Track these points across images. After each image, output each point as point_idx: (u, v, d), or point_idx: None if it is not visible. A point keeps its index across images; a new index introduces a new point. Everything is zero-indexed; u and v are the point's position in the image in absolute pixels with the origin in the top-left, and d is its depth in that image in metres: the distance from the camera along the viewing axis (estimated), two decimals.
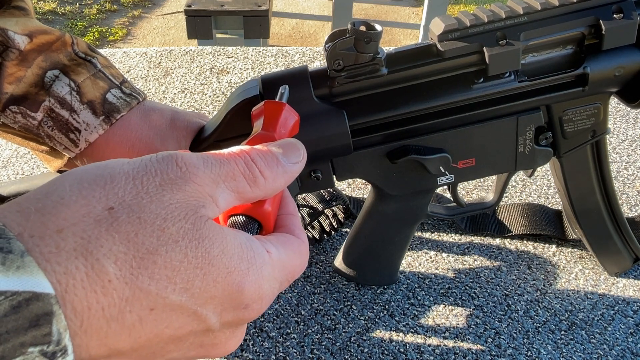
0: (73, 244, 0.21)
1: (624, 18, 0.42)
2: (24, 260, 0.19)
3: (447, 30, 0.42)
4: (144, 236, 0.23)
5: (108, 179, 0.24)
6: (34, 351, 0.19)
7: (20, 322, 0.18)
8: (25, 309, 0.19)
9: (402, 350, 0.50)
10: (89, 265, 0.21)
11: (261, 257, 0.27)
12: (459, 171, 0.48)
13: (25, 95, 0.45)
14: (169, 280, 0.23)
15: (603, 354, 0.50)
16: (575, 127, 0.47)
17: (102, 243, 0.22)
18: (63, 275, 0.21)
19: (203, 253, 0.24)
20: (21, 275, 0.19)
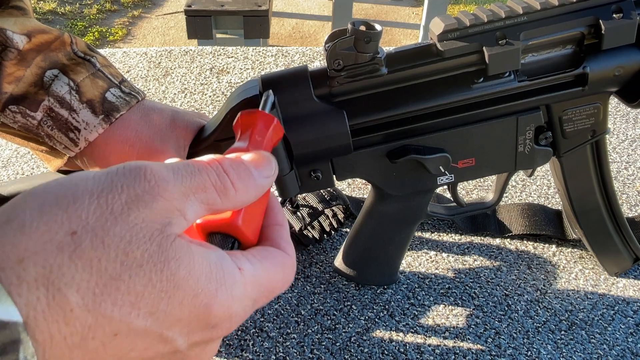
0: (34, 274, 0.21)
1: (623, 18, 0.42)
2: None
3: (446, 30, 0.42)
4: (107, 262, 0.22)
5: (71, 200, 0.23)
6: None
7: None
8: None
9: (402, 350, 0.50)
10: (50, 296, 0.21)
11: (231, 276, 0.26)
12: (459, 171, 0.48)
13: (24, 95, 0.45)
14: (132, 305, 0.23)
15: (603, 354, 0.50)
16: (575, 126, 0.47)
17: (64, 271, 0.21)
18: (24, 306, 0.20)
19: (168, 276, 0.23)
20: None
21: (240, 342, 0.51)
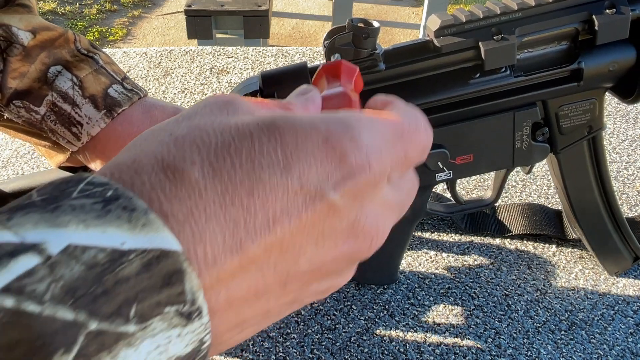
0: (185, 210, 0.20)
1: (616, 13, 0.43)
2: (148, 218, 0.18)
3: (443, 26, 0.43)
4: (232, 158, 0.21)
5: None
6: (170, 311, 0.18)
7: (153, 281, 0.18)
8: (155, 267, 0.18)
9: (402, 350, 0.50)
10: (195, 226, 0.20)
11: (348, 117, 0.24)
12: (457, 167, 0.48)
13: (28, 90, 0.46)
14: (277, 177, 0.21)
15: (603, 354, 0.50)
16: (571, 122, 0.48)
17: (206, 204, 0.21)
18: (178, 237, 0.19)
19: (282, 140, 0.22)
20: (148, 233, 0.18)
21: (240, 342, 0.51)
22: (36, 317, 0.16)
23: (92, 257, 0.17)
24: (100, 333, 0.17)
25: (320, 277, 0.24)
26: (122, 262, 0.17)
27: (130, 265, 0.17)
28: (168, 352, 0.18)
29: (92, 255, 0.17)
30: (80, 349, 0.16)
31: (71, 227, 0.17)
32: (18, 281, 0.16)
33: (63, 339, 0.16)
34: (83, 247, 0.17)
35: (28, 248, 0.17)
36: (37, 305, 0.16)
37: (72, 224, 0.17)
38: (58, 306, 0.16)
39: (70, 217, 0.18)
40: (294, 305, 0.25)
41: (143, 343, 0.17)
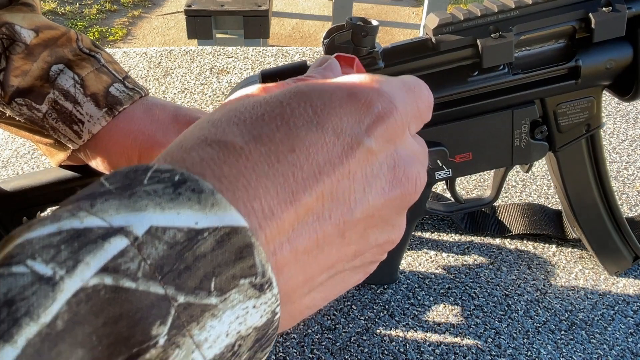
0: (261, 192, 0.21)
1: (612, 11, 0.43)
2: (215, 198, 0.20)
3: (441, 24, 0.43)
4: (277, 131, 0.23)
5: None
6: (245, 283, 0.19)
7: (227, 256, 0.19)
8: (227, 243, 0.19)
9: (402, 350, 0.50)
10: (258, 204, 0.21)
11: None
12: (457, 165, 0.48)
13: (30, 88, 0.46)
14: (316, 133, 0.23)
15: (603, 354, 0.50)
16: (569, 120, 0.48)
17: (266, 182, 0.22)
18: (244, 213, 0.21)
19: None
20: (217, 212, 0.19)
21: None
22: (133, 292, 0.17)
23: (172, 237, 0.18)
24: (188, 306, 0.18)
25: (375, 225, 0.25)
26: (198, 239, 0.19)
27: (205, 242, 0.19)
28: (246, 322, 0.19)
29: (172, 235, 0.18)
30: (173, 321, 0.18)
31: (150, 211, 0.19)
32: (113, 261, 0.17)
33: (158, 312, 0.17)
34: (163, 228, 0.18)
35: (116, 231, 0.18)
36: (132, 282, 0.17)
37: (150, 208, 0.19)
38: (149, 282, 0.17)
39: (147, 201, 0.19)
40: (358, 266, 0.26)
41: (225, 314, 0.19)
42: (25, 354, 0.15)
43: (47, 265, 0.17)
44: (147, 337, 0.17)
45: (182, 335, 0.18)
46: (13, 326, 0.16)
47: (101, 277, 0.17)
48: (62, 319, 0.16)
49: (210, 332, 0.18)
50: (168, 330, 0.17)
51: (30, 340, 0.16)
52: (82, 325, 0.16)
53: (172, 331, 0.18)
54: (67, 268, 0.17)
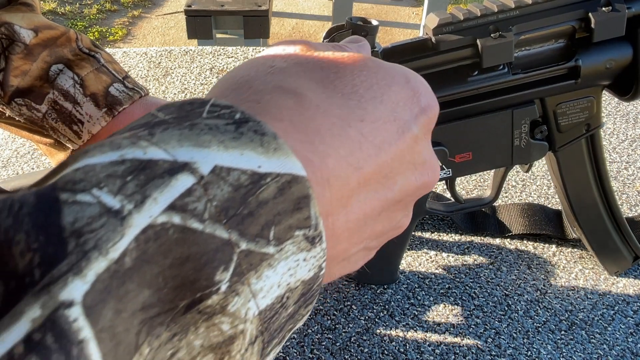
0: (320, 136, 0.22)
1: (612, 11, 0.43)
2: (278, 142, 0.19)
3: (441, 24, 0.43)
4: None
5: None
6: (299, 235, 0.19)
7: (286, 205, 0.19)
8: (288, 191, 0.19)
9: (402, 350, 0.50)
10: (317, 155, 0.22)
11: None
12: (457, 165, 0.48)
13: (30, 88, 0.46)
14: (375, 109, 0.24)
15: (603, 354, 0.50)
16: (569, 120, 0.48)
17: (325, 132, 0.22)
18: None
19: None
20: (280, 157, 0.19)
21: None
22: (199, 234, 0.17)
23: (236, 179, 0.18)
24: (249, 253, 0.17)
25: (400, 209, 0.26)
26: (261, 185, 0.18)
27: (268, 188, 0.18)
28: (296, 275, 0.19)
29: (236, 177, 0.18)
30: (235, 268, 0.17)
31: (213, 148, 0.18)
32: (180, 199, 0.16)
33: (222, 257, 0.17)
34: (227, 169, 0.18)
35: (182, 167, 0.17)
36: (199, 224, 0.17)
37: (214, 145, 0.18)
38: (215, 225, 0.17)
39: (209, 136, 0.18)
40: (372, 248, 0.27)
41: (279, 264, 0.18)
42: (94, 289, 0.15)
43: (114, 197, 0.16)
44: (210, 283, 0.17)
45: (242, 283, 0.17)
46: (82, 259, 0.15)
47: (169, 215, 0.16)
48: (130, 257, 0.15)
49: (265, 282, 0.18)
50: (230, 277, 0.17)
51: (99, 275, 0.15)
52: (150, 264, 0.16)
53: (234, 278, 0.17)
54: (135, 202, 0.16)
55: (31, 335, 0.14)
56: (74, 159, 0.17)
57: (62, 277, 0.14)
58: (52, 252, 0.14)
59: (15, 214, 0.15)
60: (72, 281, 0.14)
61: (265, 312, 0.18)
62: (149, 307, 0.16)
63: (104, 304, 0.15)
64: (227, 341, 0.18)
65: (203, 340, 0.17)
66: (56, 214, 0.15)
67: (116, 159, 0.17)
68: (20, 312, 0.14)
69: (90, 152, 0.17)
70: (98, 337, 0.14)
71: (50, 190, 0.16)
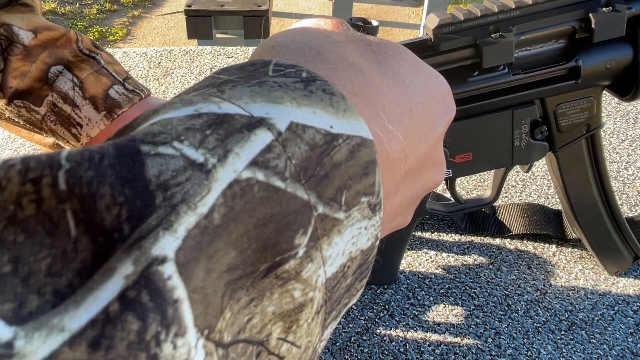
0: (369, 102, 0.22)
1: (612, 11, 0.43)
2: (347, 104, 0.18)
3: (441, 25, 0.43)
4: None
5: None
6: (364, 201, 0.18)
7: (356, 169, 0.18)
8: (357, 154, 0.18)
9: (402, 350, 0.50)
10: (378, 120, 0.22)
11: None
12: (457, 165, 0.48)
13: (29, 90, 0.46)
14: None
15: (603, 354, 0.50)
16: (569, 120, 0.48)
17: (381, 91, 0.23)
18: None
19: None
20: (349, 119, 0.18)
21: None
22: (282, 192, 0.16)
23: (312, 138, 0.17)
24: (324, 217, 0.17)
25: (414, 205, 0.27)
26: (334, 145, 0.17)
27: (340, 150, 0.18)
28: (357, 243, 0.19)
29: (312, 136, 0.17)
30: (312, 232, 0.17)
31: (287, 104, 0.17)
32: (262, 155, 0.16)
33: (302, 220, 0.16)
34: (303, 126, 0.17)
35: (259, 123, 0.16)
36: (281, 182, 0.16)
37: (287, 101, 0.17)
38: (296, 184, 0.16)
39: (281, 93, 0.17)
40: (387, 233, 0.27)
41: (346, 231, 0.18)
42: (186, 246, 0.14)
43: (196, 150, 0.15)
44: (290, 246, 0.16)
45: (316, 249, 0.17)
46: (171, 213, 0.14)
47: (253, 171, 0.15)
48: (218, 212, 0.15)
49: (334, 248, 0.18)
50: (307, 242, 0.16)
51: (189, 231, 0.14)
52: (237, 223, 0.15)
53: (310, 243, 0.17)
54: (219, 156, 0.15)
55: (126, 292, 0.13)
56: (146, 116, 0.16)
57: (152, 231, 0.14)
58: (140, 205, 0.14)
59: (97, 165, 0.14)
60: (164, 236, 0.14)
61: (330, 280, 0.18)
62: (234, 269, 0.15)
63: (196, 262, 0.14)
64: (297, 309, 0.17)
65: (275, 307, 0.17)
66: (140, 167, 0.14)
67: (192, 113, 0.16)
68: (112, 269, 0.13)
69: (162, 109, 0.16)
70: (191, 298, 0.14)
71: (129, 142, 0.15)
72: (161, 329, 0.13)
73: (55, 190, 0.14)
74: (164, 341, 0.13)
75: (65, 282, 0.13)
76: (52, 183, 0.14)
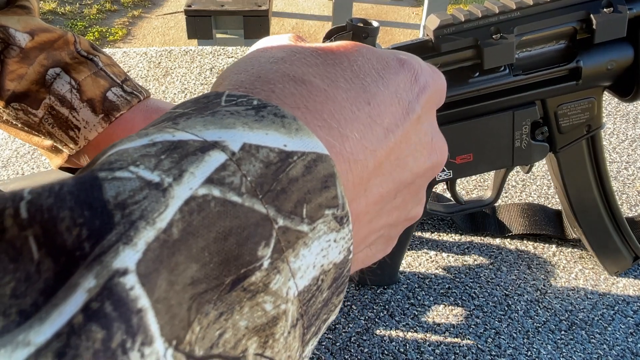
0: (327, 117, 0.22)
1: (613, 12, 0.43)
2: (298, 124, 0.19)
3: (442, 26, 0.43)
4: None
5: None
6: (329, 214, 0.19)
7: (314, 183, 0.19)
8: (314, 169, 0.19)
9: (402, 350, 0.50)
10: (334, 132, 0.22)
11: None
12: (457, 166, 0.48)
13: (26, 93, 0.46)
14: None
15: (603, 354, 0.50)
16: (570, 121, 0.48)
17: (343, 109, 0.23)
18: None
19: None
20: (302, 137, 0.19)
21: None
22: (240, 207, 0.16)
23: (266, 156, 0.18)
24: (286, 230, 0.17)
25: (413, 193, 0.26)
26: (289, 162, 0.18)
27: (296, 166, 0.18)
28: (328, 256, 0.19)
29: (266, 154, 0.18)
30: (275, 244, 0.17)
31: (239, 128, 0.18)
32: (217, 173, 0.16)
33: (262, 232, 0.17)
34: (256, 146, 0.18)
35: (212, 145, 0.17)
36: (238, 197, 0.17)
37: (239, 126, 0.18)
38: (253, 199, 0.17)
39: (232, 119, 0.18)
40: (388, 238, 0.27)
41: (313, 244, 0.18)
42: (146, 258, 0.14)
43: (152, 172, 0.16)
44: (253, 258, 0.17)
45: (282, 260, 0.17)
46: (130, 229, 0.15)
47: (208, 187, 0.16)
48: (177, 227, 0.15)
49: (302, 261, 0.18)
50: (271, 253, 0.17)
51: (149, 244, 0.15)
52: (196, 237, 0.15)
53: (274, 255, 0.17)
54: (174, 176, 0.16)
55: (89, 304, 0.13)
56: (105, 151, 0.17)
57: (112, 247, 0.14)
58: (99, 224, 0.14)
59: (56, 193, 0.15)
60: (124, 250, 0.14)
61: (303, 293, 0.18)
62: (198, 282, 0.15)
63: (157, 273, 0.14)
64: (271, 322, 0.17)
65: (248, 321, 0.17)
66: (98, 190, 0.15)
67: (147, 142, 0.17)
68: (75, 284, 0.14)
69: (119, 142, 0.17)
70: (155, 308, 0.14)
71: (88, 173, 0.16)
72: (127, 337, 0.14)
73: (17, 219, 0.14)
74: (130, 349, 0.14)
75: (30, 302, 0.13)
76: (14, 213, 0.14)
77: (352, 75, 0.23)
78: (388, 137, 0.23)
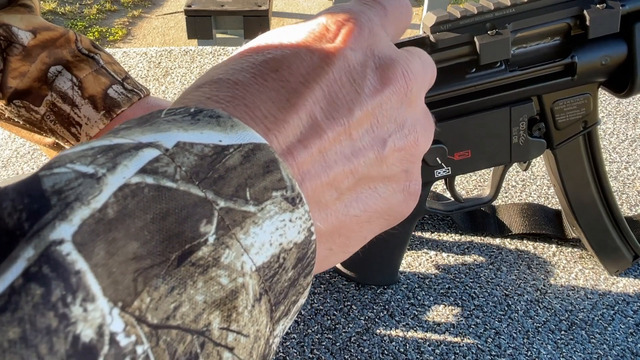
0: (264, 111, 0.23)
1: (606, 8, 0.44)
2: (233, 121, 0.20)
3: (438, 22, 0.44)
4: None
5: None
6: (277, 195, 0.20)
7: (255, 169, 0.20)
8: (253, 157, 0.20)
9: (402, 350, 0.50)
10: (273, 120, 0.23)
11: None
12: (456, 163, 0.49)
13: (28, 90, 0.46)
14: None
15: (603, 354, 0.50)
16: (566, 117, 0.49)
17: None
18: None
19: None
20: (238, 131, 0.20)
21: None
22: (175, 191, 0.18)
23: (200, 150, 0.19)
24: (229, 210, 0.19)
25: (381, 124, 0.26)
26: (225, 154, 0.19)
27: (233, 157, 0.19)
28: (286, 235, 0.20)
29: (200, 149, 0.19)
30: (218, 222, 0.18)
31: (174, 131, 0.19)
32: (150, 164, 0.18)
33: (202, 211, 0.18)
34: (190, 143, 0.19)
35: (146, 145, 0.18)
36: (172, 183, 0.18)
37: (174, 129, 0.19)
38: (189, 184, 0.18)
39: (169, 125, 0.20)
40: (389, 176, 0.27)
41: (265, 223, 0.19)
42: (82, 230, 0.16)
43: (87, 166, 0.17)
44: (196, 234, 0.18)
45: (230, 237, 0.18)
46: (66, 208, 0.16)
47: (142, 176, 0.17)
48: (112, 209, 0.16)
49: (255, 238, 0.19)
50: (215, 230, 0.18)
51: (84, 220, 0.16)
52: (132, 218, 0.17)
53: (219, 231, 0.18)
54: (108, 168, 0.17)
55: (28, 269, 0.15)
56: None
57: (49, 223, 0.16)
58: (37, 207, 0.16)
59: (1, 191, 0.16)
60: (60, 225, 0.16)
61: (263, 269, 0.19)
62: (141, 258, 0.16)
63: (93, 243, 0.16)
64: (230, 295, 0.18)
65: (205, 296, 0.18)
66: (37, 183, 0.17)
67: (86, 147, 0.18)
68: (15, 257, 0.15)
69: (62, 151, 0.19)
70: (94, 271, 0.15)
71: (30, 175, 0.17)
72: (66, 293, 0.15)
73: None
74: (71, 303, 0.15)
75: None
76: None
77: (255, 53, 0.25)
78: (308, 86, 0.24)
